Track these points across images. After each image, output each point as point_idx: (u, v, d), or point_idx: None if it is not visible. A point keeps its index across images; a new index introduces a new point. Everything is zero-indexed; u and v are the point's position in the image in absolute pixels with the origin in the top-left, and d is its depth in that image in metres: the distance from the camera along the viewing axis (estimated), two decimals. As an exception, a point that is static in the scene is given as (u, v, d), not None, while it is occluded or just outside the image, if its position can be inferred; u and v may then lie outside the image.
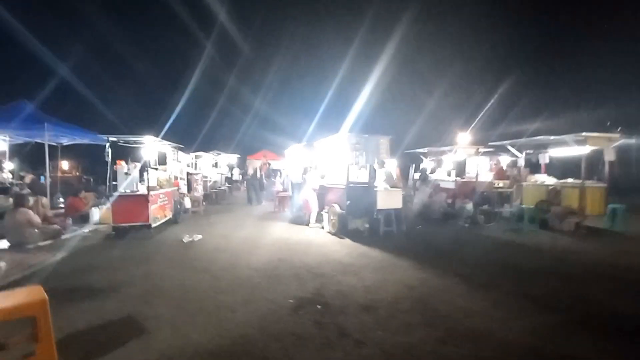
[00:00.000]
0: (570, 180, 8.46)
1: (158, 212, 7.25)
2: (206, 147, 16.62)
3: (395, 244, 6.22)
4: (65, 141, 11.98)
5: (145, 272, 4.49)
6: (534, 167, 10.41)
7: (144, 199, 6.62)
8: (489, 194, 9.53)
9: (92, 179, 17.08)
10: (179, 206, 8.86)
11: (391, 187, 7.20)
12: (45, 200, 7.24)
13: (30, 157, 13.81)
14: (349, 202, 6.73)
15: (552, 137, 8.15)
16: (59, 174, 15.38)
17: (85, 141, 11.54)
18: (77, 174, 19.04)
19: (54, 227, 6.53)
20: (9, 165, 12.00)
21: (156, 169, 7.85)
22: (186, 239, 6.45)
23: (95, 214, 7.42)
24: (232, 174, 19.96)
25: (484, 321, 3.12)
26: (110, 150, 6.61)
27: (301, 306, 3.40)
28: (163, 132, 8.95)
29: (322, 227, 7.96)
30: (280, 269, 4.67)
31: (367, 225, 7.03)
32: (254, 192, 12.95)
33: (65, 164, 18.66)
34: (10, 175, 12.15)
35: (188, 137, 16.55)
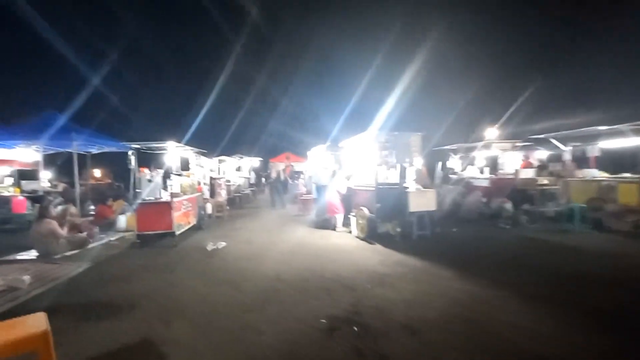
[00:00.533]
0: (627, 175, 7.55)
1: (182, 219, 7.11)
2: (229, 151, 16.61)
3: (431, 250, 5.71)
4: (95, 150, 12.32)
5: (167, 284, 4.26)
6: (580, 161, 9.47)
7: (167, 206, 6.47)
8: (529, 192, 8.73)
9: (122, 186, 17.55)
10: (202, 212, 8.73)
11: (423, 187, 6.68)
12: (73, 209, 7.28)
13: (64, 166, 14.29)
14: (378, 204, 6.27)
15: (604, 127, 7.31)
16: (91, 181, 15.87)
17: (113, 149, 11.84)
18: (109, 181, 19.66)
19: (81, 236, 6.51)
20: (45, 174, 12.47)
21: (179, 174, 7.73)
22: (210, 246, 6.23)
23: (122, 221, 7.39)
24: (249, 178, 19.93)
25: (559, 347, 2.59)
26: (133, 158, 6.52)
27: (335, 327, 3.00)
28: (186, 138, 8.90)
29: (350, 232, 7.54)
30: (309, 280, 4.31)
31: (398, 229, 6.54)
32: (277, 195, 12.72)
33: (97, 172, 19.31)
34: (47, 184, 12.59)
35: (211, 142, 16.63)
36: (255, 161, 20.80)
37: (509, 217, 7.91)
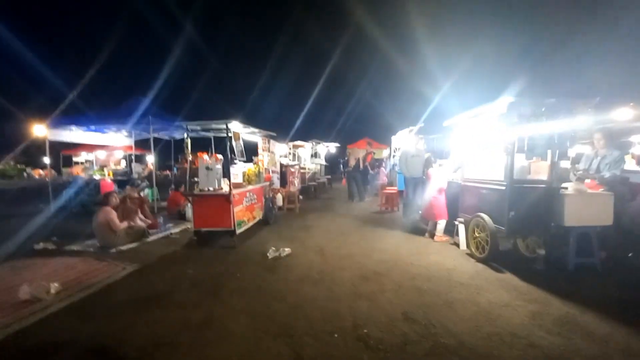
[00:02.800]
0: None
1: (244, 214, 6.00)
2: (304, 135, 15.47)
3: (616, 296, 3.40)
4: (177, 135, 12.38)
5: (204, 321, 3.00)
6: None
7: (225, 200, 5.38)
8: None
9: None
10: (270, 204, 7.61)
11: (591, 190, 4.23)
12: (136, 195, 6.80)
13: (165, 151, 14.93)
14: (512, 212, 4.11)
15: None
16: (187, 165, 16.47)
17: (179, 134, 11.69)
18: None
19: (139, 227, 5.88)
20: (151, 158, 13.01)
21: (244, 161, 6.66)
22: (271, 253, 4.95)
23: (190, 211, 6.70)
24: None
25: None
26: (189, 141, 5.57)
27: None
28: (256, 121, 7.82)
29: (454, 243, 5.50)
30: (412, 342, 2.58)
31: (541, 251, 4.28)
32: (355, 186, 11.08)
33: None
34: (140, 169, 13.20)
35: (284, 125, 15.64)
36: (332, 147, 19.41)
37: None
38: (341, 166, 26.79)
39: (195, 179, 5.70)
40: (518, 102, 3.88)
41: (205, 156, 5.58)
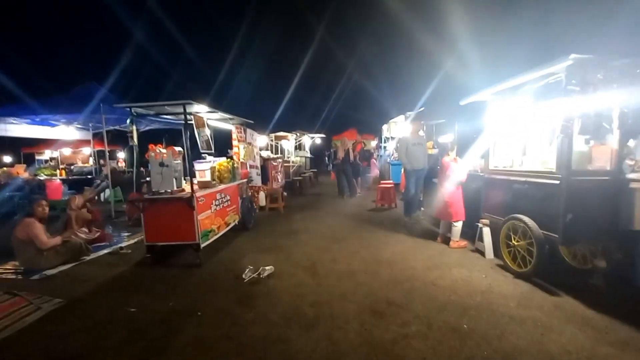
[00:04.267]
0: None
1: (214, 222, 4.76)
2: (286, 127, 14.11)
3: None
4: (142, 126, 10.82)
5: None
6: None
7: (186, 206, 4.12)
8: None
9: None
10: (249, 205, 6.37)
11: None
12: (81, 200, 5.42)
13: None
14: (570, 214, 3.06)
15: None
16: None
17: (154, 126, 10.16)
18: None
19: (74, 243, 4.54)
20: (121, 155, 11.36)
21: (213, 154, 5.40)
22: (248, 274, 3.75)
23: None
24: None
25: None
26: (135, 130, 4.24)
27: None
28: (234, 110, 6.45)
29: (475, 250, 4.47)
30: None
31: (601, 264, 3.28)
32: (345, 180, 9.96)
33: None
34: (107, 167, 11.54)
35: (263, 116, 14.16)
36: (317, 138, 18.21)
37: None
38: (326, 159, 25.65)
39: (148, 179, 4.41)
40: (584, 63, 2.80)
41: (160, 149, 4.29)
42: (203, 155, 5.79)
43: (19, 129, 9.40)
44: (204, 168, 4.91)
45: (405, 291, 3.31)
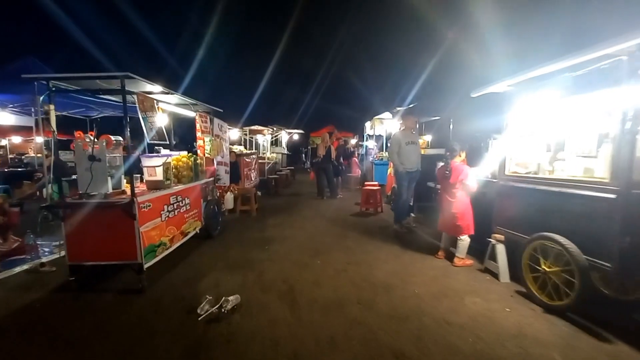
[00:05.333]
0: None
1: (165, 232, 3.75)
2: (260, 121, 13.03)
3: None
4: (95, 114, 9.38)
5: None
6: None
7: (124, 214, 3.10)
8: None
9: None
10: (215, 208, 5.37)
11: None
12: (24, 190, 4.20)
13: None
14: (627, 237, 2.38)
15: None
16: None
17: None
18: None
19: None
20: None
21: (166, 146, 4.37)
22: (205, 307, 2.80)
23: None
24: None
25: None
26: (52, 108, 3.12)
27: None
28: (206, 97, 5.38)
29: (484, 270, 3.77)
30: None
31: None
32: (326, 180, 9.11)
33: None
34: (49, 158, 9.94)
35: (235, 108, 12.85)
36: (295, 134, 17.26)
37: None
38: (303, 156, 24.68)
39: (74, 177, 3.33)
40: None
41: (90, 137, 3.22)
42: (157, 148, 4.73)
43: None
44: (155, 164, 3.88)
45: (414, 335, 2.50)
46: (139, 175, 4.09)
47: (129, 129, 3.16)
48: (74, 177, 3.27)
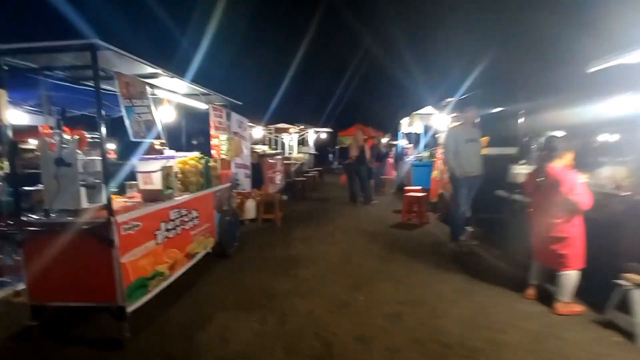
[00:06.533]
0: None
1: (160, 259, 2.87)
2: (285, 118, 12.04)
3: None
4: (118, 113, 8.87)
5: None
6: None
7: (98, 240, 2.24)
8: None
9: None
10: (232, 220, 4.49)
11: None
12: None
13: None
14: None
15: None
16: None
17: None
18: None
19: None
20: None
21: (162, 144, 3.53)
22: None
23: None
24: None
25: None
26: (4, 92, 2.31)
27: None
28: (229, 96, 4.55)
29: (605, 324, 2.57)
30: None
31: None
32: (359, 183, 8.06)
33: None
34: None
35: (258, 105, 11.75)
36: (323, 133, 16.31)
37: None
38: (330, 156, 23.59)
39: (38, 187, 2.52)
40: None
41: (60, 133, 2.39)
42: (160, 148, 3.90)
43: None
44: (151, 169, 3.02)
45: None
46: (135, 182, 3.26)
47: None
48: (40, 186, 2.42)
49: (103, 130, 2.30)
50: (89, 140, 2.60)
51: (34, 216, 2.40)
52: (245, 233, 5.24)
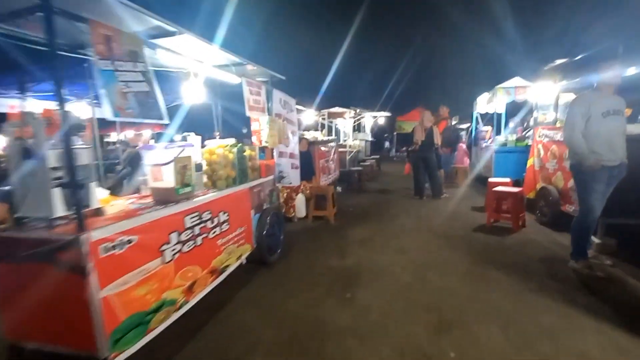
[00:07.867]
0: None
1: (168, 286, 2.14)
2: (340, 101, 10.87)
3: None
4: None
5: None
6: None
7: (66, 267, 1.53)
8: None
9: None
10: (275, 220, 3.69)
11: None
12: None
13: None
14: None
15: None
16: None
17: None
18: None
19: None
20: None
21: (208, 135, 2.79)
22: None
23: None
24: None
25: None
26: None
27: None
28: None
29: None
30: None
31: None
32: (427, 174, 6.77)
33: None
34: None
35: (309, 85, 10.69)
36: (381, 118, 14.94)
37: None
38: (387, 143, 21.95)
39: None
40: None
41: (31, 113, 1.72)
42: (185, 135, 3.19)
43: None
44: (162, 161, 2.28)
45: None
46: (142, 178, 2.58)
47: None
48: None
49: (61, 107, 1.55)
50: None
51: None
52: (292, 234, 4.44)
